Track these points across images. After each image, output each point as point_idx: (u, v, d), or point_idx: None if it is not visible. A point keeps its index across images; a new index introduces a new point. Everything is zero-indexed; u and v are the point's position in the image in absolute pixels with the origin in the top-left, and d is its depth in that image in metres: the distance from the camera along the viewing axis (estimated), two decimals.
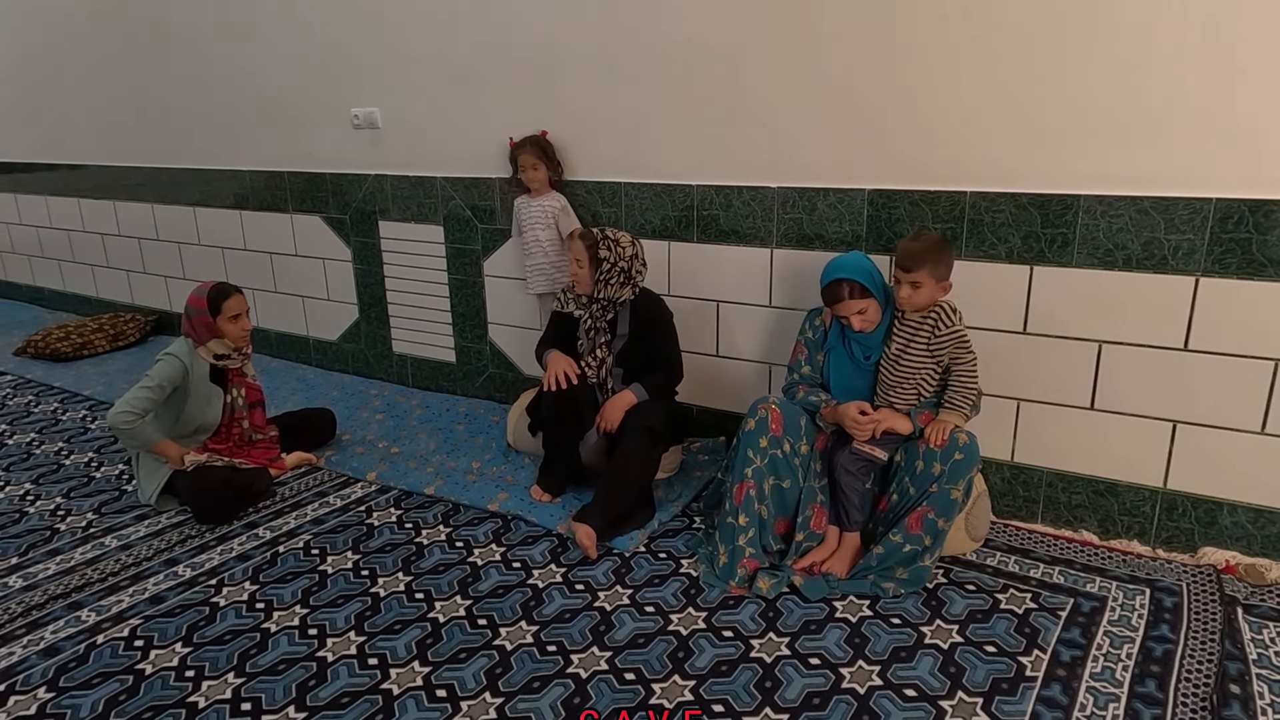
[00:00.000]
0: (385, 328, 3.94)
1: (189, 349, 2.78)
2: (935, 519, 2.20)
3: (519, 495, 2.81)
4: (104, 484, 3.00)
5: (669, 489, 2.84)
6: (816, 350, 2.49)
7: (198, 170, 4.36)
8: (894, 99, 2.50)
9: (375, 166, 3.69)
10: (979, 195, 2.44)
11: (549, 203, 3.15)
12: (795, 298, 2.82)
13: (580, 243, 2.70)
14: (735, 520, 2.32)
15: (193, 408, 2.78)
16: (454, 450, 3.21)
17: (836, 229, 2.69)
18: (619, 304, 2.76)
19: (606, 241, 2.70)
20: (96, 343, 4.60)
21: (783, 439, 2.36)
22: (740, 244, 2.88)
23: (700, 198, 2.91)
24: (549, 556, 2.47)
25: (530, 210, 3.16)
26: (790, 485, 2.38)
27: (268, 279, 4.27)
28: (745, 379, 3.01)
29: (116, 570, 2.42)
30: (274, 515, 2.75)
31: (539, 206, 3.15)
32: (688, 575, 2.36)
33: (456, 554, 2.49)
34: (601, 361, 2.77)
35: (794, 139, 2.69)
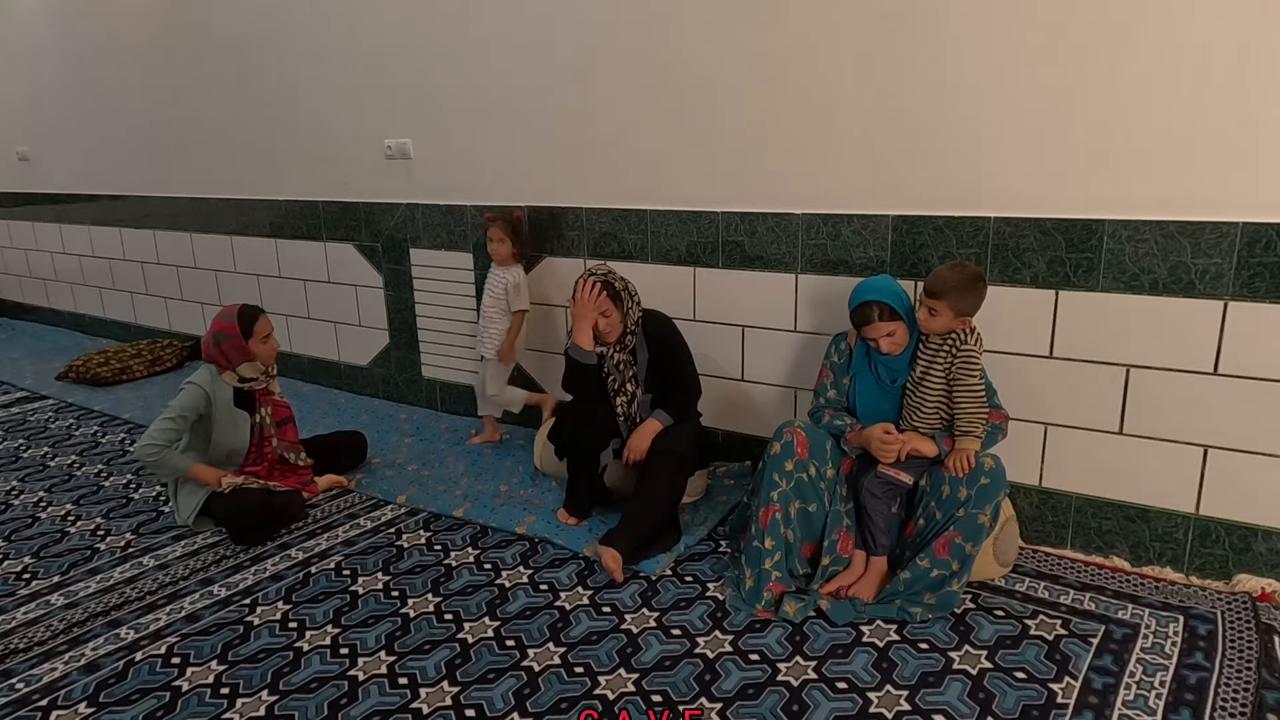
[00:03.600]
0: (415, 353, 4.00)
1: (211, 376, 2.84)
2: (963, 544, 2.20)
3: (546, 518, 2.83)
4: (142, 505, 3.07)
5: (694, 513, 2.85)
6: (842, 374, 2.50)
7: (235, 200, 4.49)
8: (917, 125, 2.53)
9: (407, 195, 3.78)
10: (1003, 220, 2.45)
11: (506, 275, 3.30)
12: (820, 323, 2.84)
13: (605, 296, 2.63)
14: (761, 544, 2.33)
15: (220, 434, 2.85)
16: (482, 474, 3.25)
17: (861, 254, 2.71)
18: (636, 330, 2.77)
19: (612, 277, 2.69)
20: (135, 368, 4.72)
21: (808, 462, 2.37)
22: (765, 269, 2.91)
23: (725, 224, 2.95)
24: (576, 579, 2.49)
25: (492, 280, 3.34)
26: (816, 509, 2.38)
27: (301, 305, 4.37)
28: (770, 404, 3.03)
29: (154, 589, 2.48)
30: (306, 536, 2.79)
31: (499, 277, 3.32)
32: (714, 599, 2.36)
33: (485, 576, 2.51)
34: (633, 396, 2.78)
35: (818, 166, 2.73)
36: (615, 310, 2.68)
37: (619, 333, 2.73)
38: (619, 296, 2.69)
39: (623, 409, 2.79)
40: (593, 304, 2.64)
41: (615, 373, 2.79)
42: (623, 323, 2.72)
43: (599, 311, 2.65)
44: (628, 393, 2.79)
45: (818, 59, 2.65)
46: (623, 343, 2.76)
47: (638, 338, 2.79)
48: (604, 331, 2.70)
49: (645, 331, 2.79)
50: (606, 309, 2.66)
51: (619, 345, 2.76)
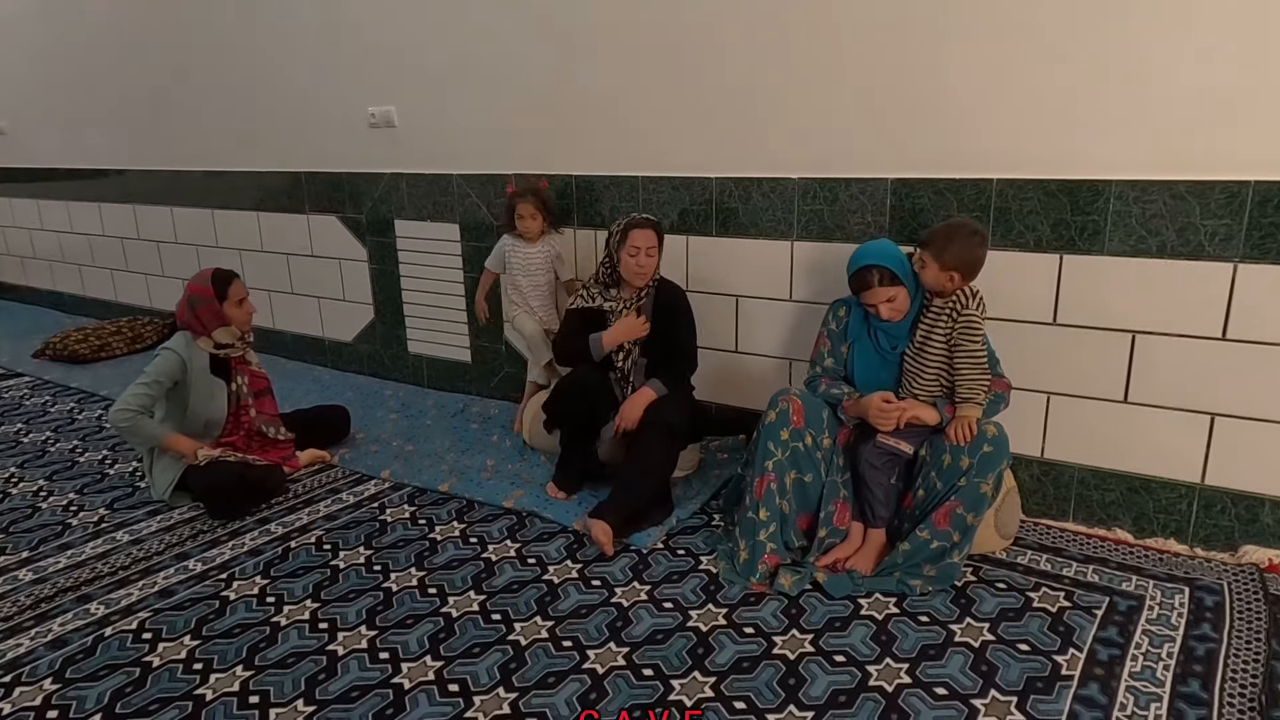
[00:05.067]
0: (401, 328, 3.91)
1: (186, 342, 2.75)
2: (964, 514, 2.13)
3: (534, 492, 2.75)
4: (117, 480, 2.98)
5: (687, 487, 2.78)
6: (840, 342, 2.43)
7: (216, 173, 4.37)
8: (917, 86, 2.44)
9: (391, 165, 3.68)
10: (1006, 183, 2.37)
11: (543, 250, 3.14)
12: (817, 291, 2.76)
13: (652, 231, 2.63)
14: (756, 515, 2.26)
15: (196, 402, 2.75)
16: (469, 449, 3.16)
17: (859, 220, 2.63)
18: (653, 286, 2.72)
19: (659, 225, 2.69)
20: (114, 345, 4.61)
21: (804, 431, 2.29)
22: (760, 237, 2.82)
23: (719, 190, 2.86)
24: (565, 553, 2.41)
25: (529, 258, 3.14)
26: (812, 480, 2.31)
27: (284, 280, 4.27)
28: (765, 375, 2.95)
29: (127, 564, 2.39)
30: (286, 511, 2.71)
31: (535, 253, 3.14)
32: (707, 572, 2.29)
33: (470, 550, 2.43)
34: (628, 353, 2.72)
35: (815, 129, 2.64)
36: (657, 253, 2.67)
37: (647, 278, 2.69)
38: (661, 241, 2.68)
39: (620, 363, 2.73)
40: (643, 326, 2.68)
41: None
42: (656, 270, 2.70)
43: (646, 247, 2.63)
44: (625, 348, 2.72)
45: (815, 18, 2.56)
46: (637, 295, 2.71)
47: (649, 298, 2.72)
48: (641, 270, 2.66)
49: (658, 293, 2.73)
50: (654, 246, 2.64)
51: (630, 300, 2.72)
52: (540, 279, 3.16)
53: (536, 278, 3.15)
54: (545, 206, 3.08)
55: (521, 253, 3.14)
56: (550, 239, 3.15)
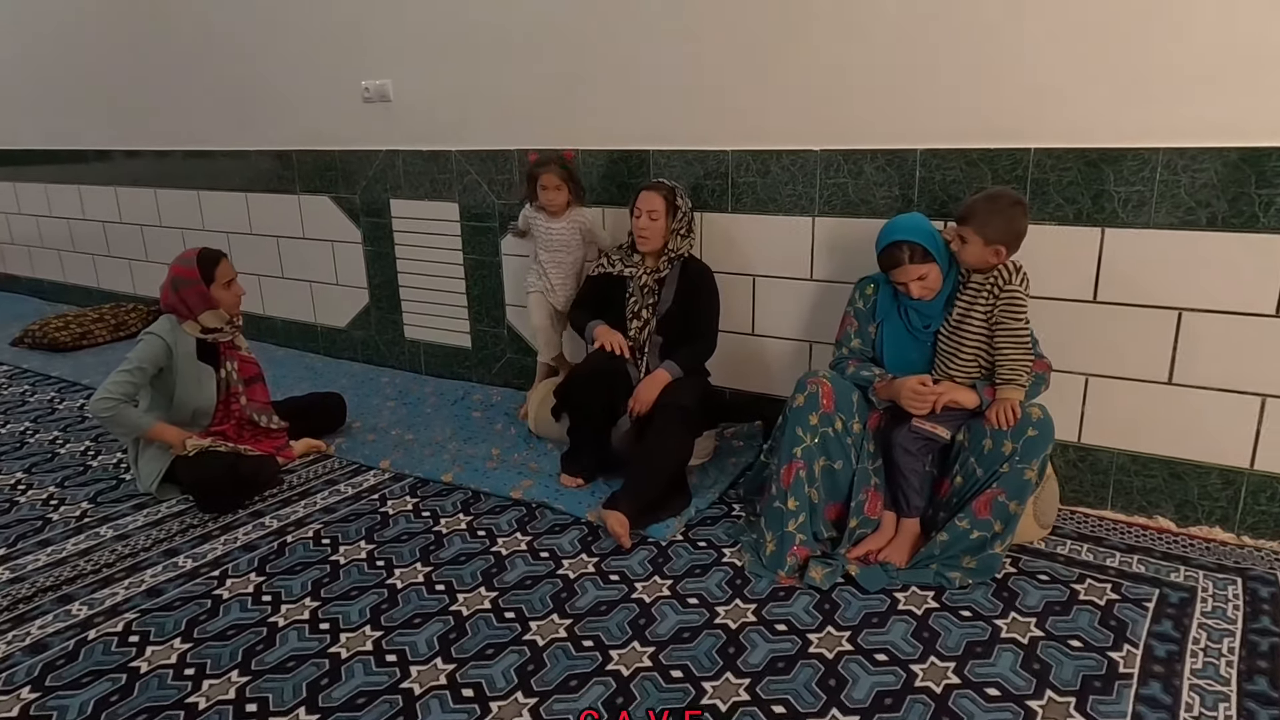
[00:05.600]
0: (397, 313, 3.75)
1: (171, 326, 2.59)
2: (1006, 502, 2.00)
3: (543, 482, 2.62)
4: (100, 473, 2.82)
5: (704, 475, 2.65)
6: (868, 322, 2.30)
7: (202, 153, 4.20)
8: (948, 49, 2.31)
9: (387, 142, 3.52)
10: (1044, 152, 2.24)
11: (569, 227, 2.93)
12: (840, 269, 2.63)
13: (657, 194, 2.53)
14: (784, 504, 2.13)
15: (184, 390, 2.59)
16: (471, 437, 3.02)
17: (885, 194, 2.50)
18: (675, 260, 2.60)
19: (679, 190, 2.57)
20: (97, 333, 4.43)
21: (834, 416, 2.16)
22: (779, 213, 2.69)
23: (735, 164, 2.72)
24: (579, 546, 2.28)
25: (551, 233, 2.93)
26: (842, 467, 2.18)
27: (274, 264, 4.10)
28: (783, 359, 2.82)
29: (112, 561, 2.24)
30: (281, 504, 2.56)
31: (563, 229, 2.92)
32: (731, 565, 2.16)
33: (479, 543, 2.30)
34: (646, 323, 2.59)
35: (837, 98, 2.50)
36: (664, 219, 2.54)
37: (657, 245, 2.58)
38: (673, 209, 2.56)
39: (635, 333, 2.62)
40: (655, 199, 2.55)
41: (638, 294, 2.62)
42: (665, 238, 2.57)
43: (648, 209, 2.53)
44: (642, 319, 2.61)
45: None
46: (656, 265, 2.60)
47: (673, 272, 2.61)
48: (644, 232, 2.55)
49: (684, 269, 2.61)
50: (657, 209, 2.53)
51: (652, 269, 2.60)
52: (563, 256, 2.95)
53: (558, 254, 2.95)
54: (571, 178, 2.87)
55: (543, 227, 2.95)
56: (577, 214, 2.93)
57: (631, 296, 2.62)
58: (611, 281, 2.67)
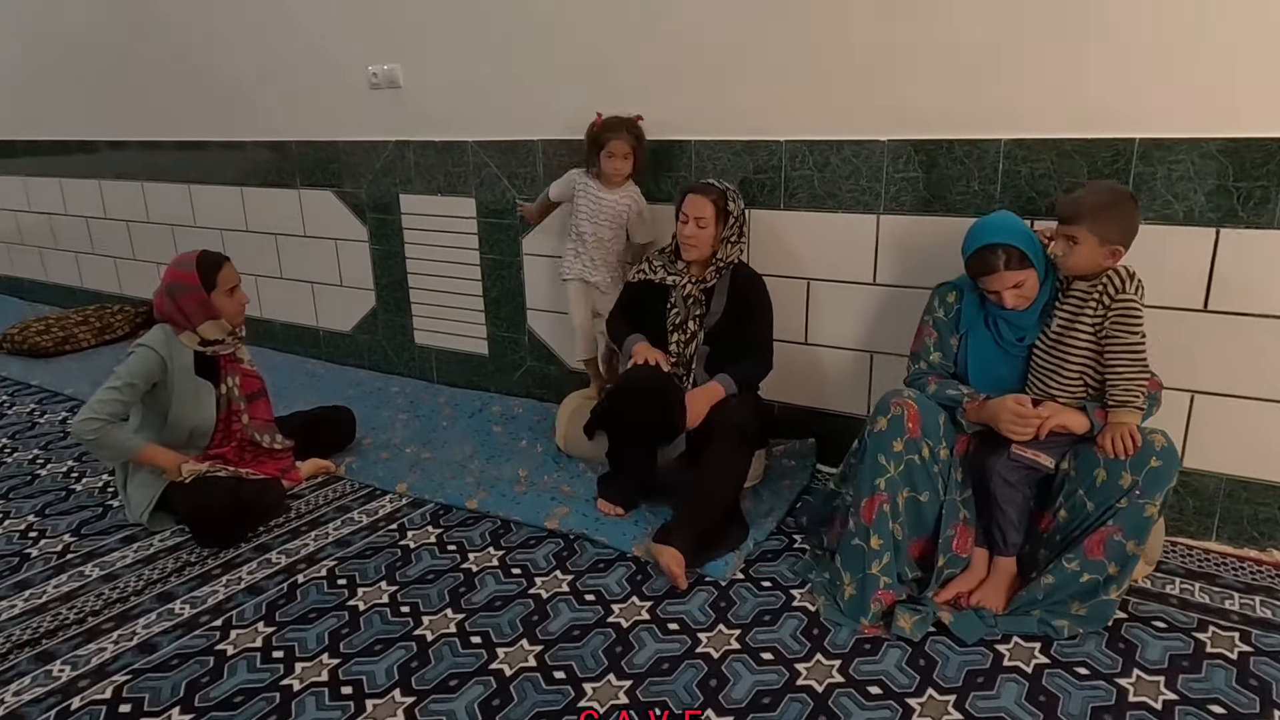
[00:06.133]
0: (406, 316, 3.48)
1: (166, 337, 2.31)
2: (1123, 542, 1.76)
3: (579, 508, 2.36)
4: (85, 499, 2.55)
5: (757, 500, 2.40)
6: (950, 333, 2.05)
7: (194, 144, 3.90)
8: (1038, 26, 2.06)
9: (396, 132, 3.24)
10: (1152, 142, 2.00)
11: (623, 200, 2.63)
12: (907, 273, 2.38)
13: (706, 199, 2.25)
14: (865, 543, 1.88)
15: (180, 408, 2.32)
16: (495, 456, 2.76)
17: (963, 189, 2.24)
18: (724, 269, 2.35)
19: (731, 193, 2.30)
20: (80, 336, 4.14)
21: (921, 442, 1.91)
22: (839, 210, 2.43)
23: (790, 156, 2.46)
24: (628, 586, 2.02)
25: (603, 204, 2.63)
26: (929, 499, 1.93)
27: (272, 264, 3.82)
28: (840, 371, 2.57)
29: (99, 608, 1.97)
30: (289, 535, 2.29)
31: (612, 202, 2.62)
32: (803, 610, 1.91)
33: (514, 584, 2.04)
34: (693, 335, 2.34)
35: (910, 81, 2.25)
36: (713, 226, 2.27)
37: (705, 253, 2.31)
38: (724, 215, 2.29)
39: (678, 348, 2.36)
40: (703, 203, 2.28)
41: (681, 305, 2.35)
42: (714, 246, 2.31)
43: (696, 215, 2.26)
44: (688, 331, 2.35)
45: None
46: (703, 274, 2.34)
47: (721, 281, 2.35)
48: (690, 240, 2.29)
49: (733, 278, 2.36)
50: (705, 216, 2.26)
51: (698, 277, 2.35)
52: (606, 233, 2.65)
53: (602, 230, 2.65)
54: (639, 146, 2.57)
55: (594, 196, 2.63)
56: (633, 190, 2.65)
57: (674, 308, 2.36)
58: (652, 290, 2.41)
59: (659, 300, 2.40)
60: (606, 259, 2.69)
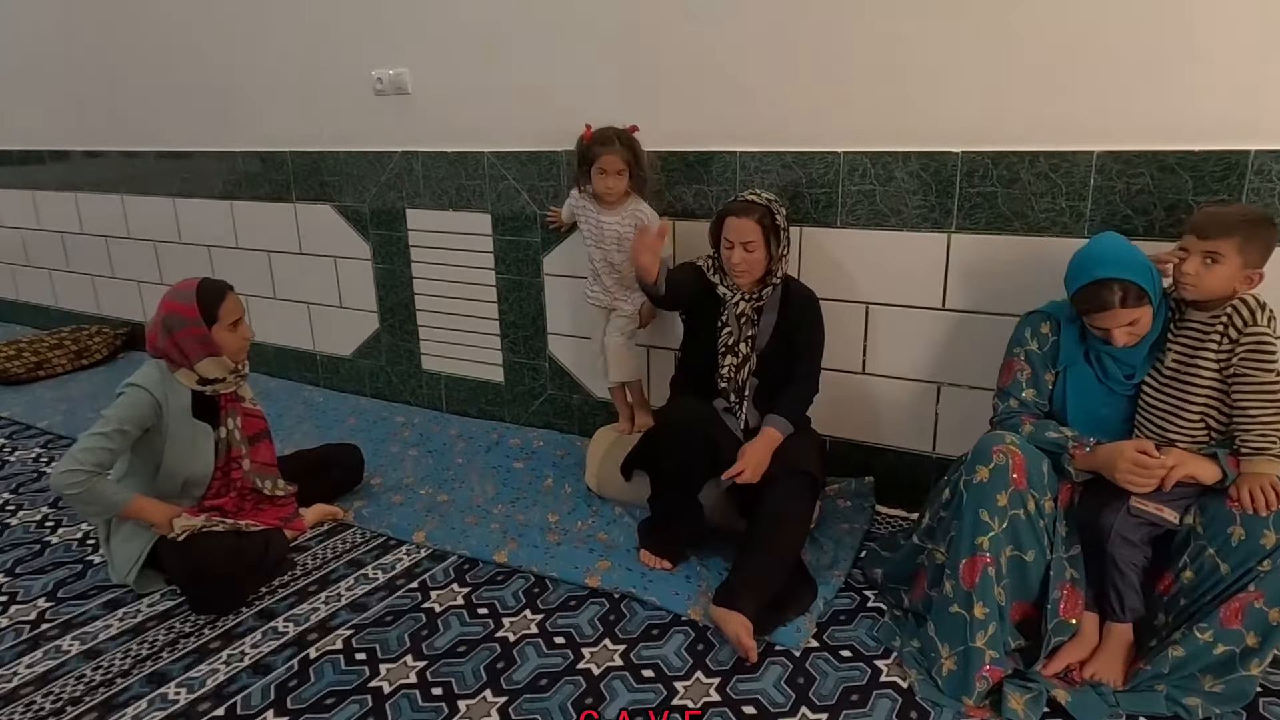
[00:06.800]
0: (413, 340, 3.22)
1: (161, 376, 2.04)
2: (1266, 609, 1.54)
3: (620, 560, 2.12)
4: (63, 553, 2.27)
5: (815, 549, 2.16)
6: (1044, 369, 1.83)
7: (180, 154, 3.62)
8: (1138, 25, 1.85)
9: (403, 141, 2.99)
10: (1271, 155, 1.79)
11: (625, 222, 2.38)
12: (981, 298, 2.16)
13: (750, 220, 2.01)
14: (967, 611, 1.65)
15: (175, 456, 2.05)
16: (520, 498, 2.51)
17: (1047, 205, 2.03)
18: (777, 285, 2.12)
19: (775, 205, 2.06)
20: (55, 361, 3.84)
21: (1026, 494, 1.69)
22: (903, 228, 2.21)
23: (848, 168, 2.24)
24: (689, 658, 1.78)
25: (603, 228, 2.40)
26: (1034, 558, 1.71)
27: (264, 283, 3.54)
28: (900, 404, 2.34)
29: (79, 694, 1.70)
30: (296, 597, 2.03)
31: (614, 224, 2.39)
32: (894, 686, 1.68)
33: (559, 656, 1.79)
34: (745, 359, 2.10)
35: (988, 87, 2.04)
36: (762, 248, 2.03)
37: (757, 275, 2.08)
38: (775, 231, 2.04)
39: (729, 373, 2.12)
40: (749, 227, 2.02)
41: (733, 324, 2.12)
42: (767, 265, 2.07)
43: (742, 240, 2.02)
44: (739, 354, 2.11)
45: None
46: (758, 293, 2.11)
47: (773, 297, 2.12)
48: (739, 268, 2.05)
49: (785, 295, 2.13)
50: (754, 240, 2.01)
51: (751, 294, 2.11)
52: (616, 257, 2.42)
53: (611, 254, 2.43)
54: (635, 161, 2.34)
55: (593, 220, 2.42)
56: (636, 206, 2.40)
57: (726, 326, 2.12)
58: (705, 294, 2.16)
59: (707, 303, 2.14)
60: (625, 283, 2.46)
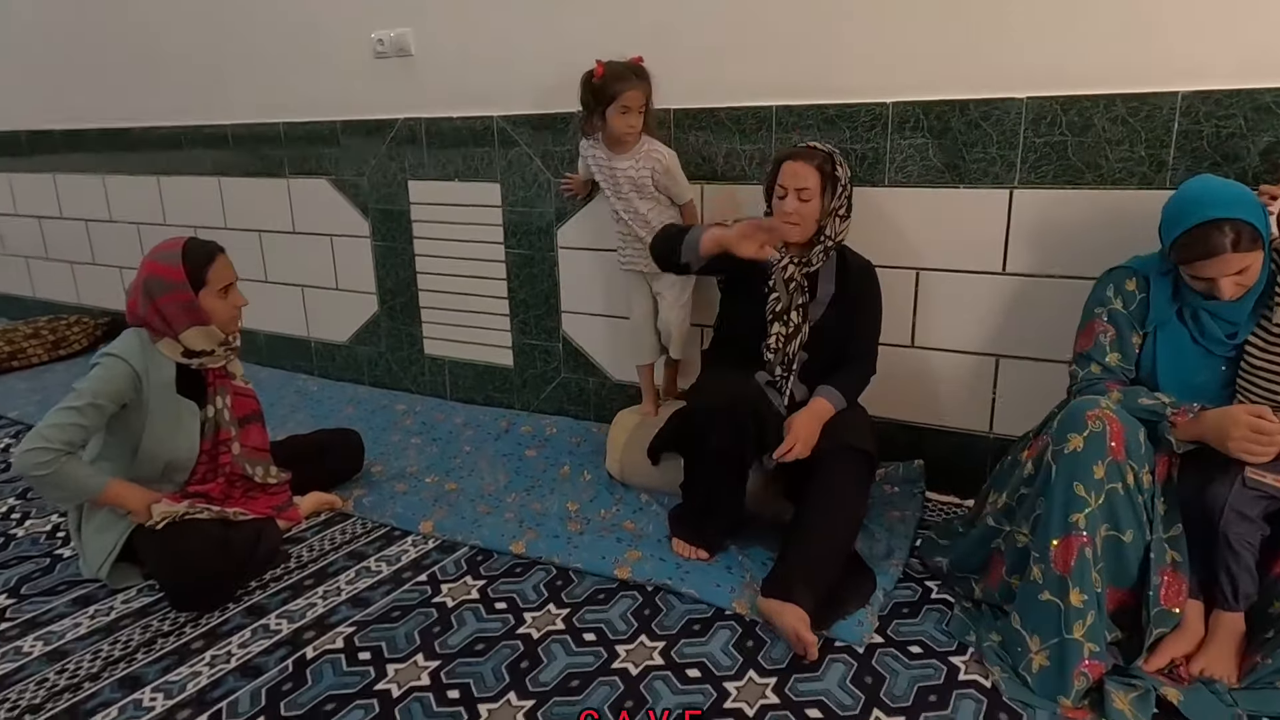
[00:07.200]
0: (415, 323, 3.01)
1: (142, 346, 1.83)
2: None
3: (651, 550, 1.91)
4: (28, 547, 2.05)
5: (867, 539, 1.95)
6: (1131, 329, 1.64)
7: (165, 129, 3.41)
8: None
9: (405, 107, 2.79)
10: None
11: (641, 165, 2.20)
12: (1048, 259, 1.97)
13: (808, 165, 1.84)
14: (1060, 599, 1.45)
15: (156, 436, 1.83)
16: (534, 486, 2.30)
17: (1124, 154, 1.84)
18: (832, 249, 1.92)
19: (835, 155, 1.89)
20: (30, 351, 3.62)
21: (1124, 465, 1.49)
22: (960, 184, 2.02)
23: (898, 119, 2.05)
24: (739, 656, 1.57)
25: (617, 174, 2.22)
26: (1133, 538, 1.50)
27: (255, 265, 3.32)
28: (956, 379, 2.14)
29: (41, 700, 1.48)
30: (290, 592, 1.81)
31: (628, 170, 2.20)
32: (975, 685, 1.47)
33: (590, 654, 1.58)
34: (796, 329, 1.89)
35: (1057, 25, 1.85)
36: (818, 198, 1.85)
37: (809, 232, 1.89)
38: (833, 182, 1.87)
39: (777, 343, 1.91)
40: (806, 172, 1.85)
41: (781, 290, 1.91)
42: (819, 220, 1.88)
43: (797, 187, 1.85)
44: (790, 324, 1.90)
45: None
46: (807, 255, 1.91)
47: (828, 267, 1.93)
48: (789, 220, 1.86)
49: (843, 264, 1.94)
50: (809, 187, 1.84)
51: (800, 257, 1.91)
52: (642, 205, 2.23)
53: (629, 200, 2.23)
54: (651, 96, 2.18)
55: (605, 168, 2.24)
56: (649, 147, 2.22)
57: (774, 292, 1.92)
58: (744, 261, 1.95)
59: (747, 271, 1.93)
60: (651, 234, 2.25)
